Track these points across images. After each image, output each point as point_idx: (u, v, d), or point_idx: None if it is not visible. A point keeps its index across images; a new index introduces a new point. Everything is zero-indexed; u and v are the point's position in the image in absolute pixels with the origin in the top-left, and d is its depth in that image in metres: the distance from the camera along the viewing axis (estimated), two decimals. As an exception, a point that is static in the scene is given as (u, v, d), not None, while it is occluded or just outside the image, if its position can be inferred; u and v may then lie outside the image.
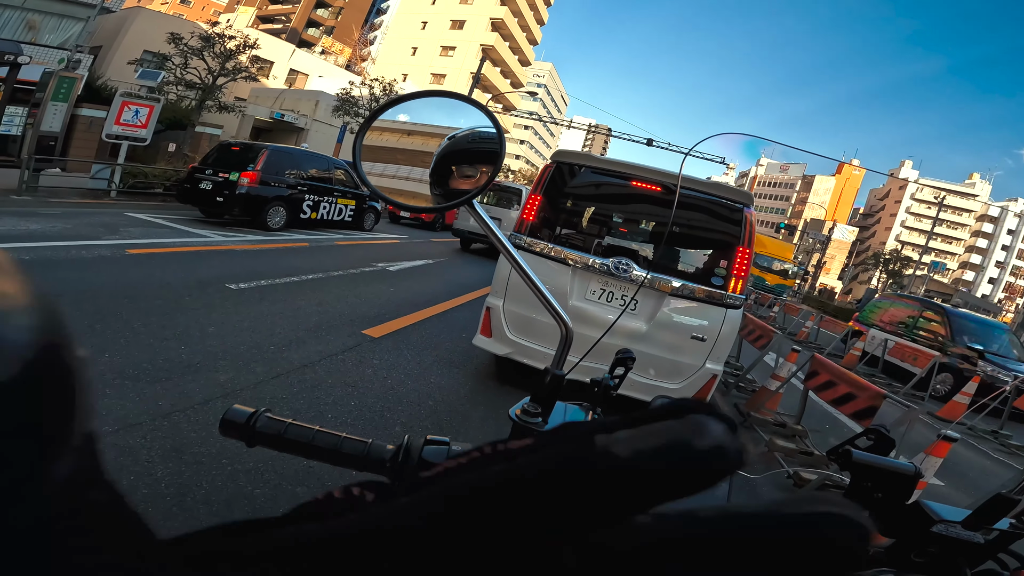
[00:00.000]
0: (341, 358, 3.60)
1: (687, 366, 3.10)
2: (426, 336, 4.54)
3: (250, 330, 3.77)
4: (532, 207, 3.28)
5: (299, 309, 4.52)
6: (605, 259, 3.14)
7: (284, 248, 7.40)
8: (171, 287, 4.41)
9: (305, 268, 6.16)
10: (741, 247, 2.99)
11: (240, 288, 4.77)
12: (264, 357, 3.35)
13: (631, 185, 3.15)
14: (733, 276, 3.00)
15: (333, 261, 7.03)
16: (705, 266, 3.19)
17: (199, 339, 3.42)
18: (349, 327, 4.29)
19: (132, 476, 1.94)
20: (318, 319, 4.34)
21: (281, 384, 3.02)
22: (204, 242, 6.61)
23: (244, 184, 8.16)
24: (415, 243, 11.45)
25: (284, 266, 6.07)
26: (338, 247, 8.48)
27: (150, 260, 5.26)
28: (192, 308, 4.00)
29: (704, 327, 3.05)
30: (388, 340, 4.20)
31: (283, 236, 8.36)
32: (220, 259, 5.90)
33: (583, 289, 3.23)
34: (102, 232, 6.02)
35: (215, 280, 4.87)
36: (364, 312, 4.81)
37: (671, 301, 3.09)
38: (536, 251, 3.26)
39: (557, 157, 3.35)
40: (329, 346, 3.76)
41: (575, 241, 3.37)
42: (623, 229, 3.54)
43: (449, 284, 7.27)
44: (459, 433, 2.92)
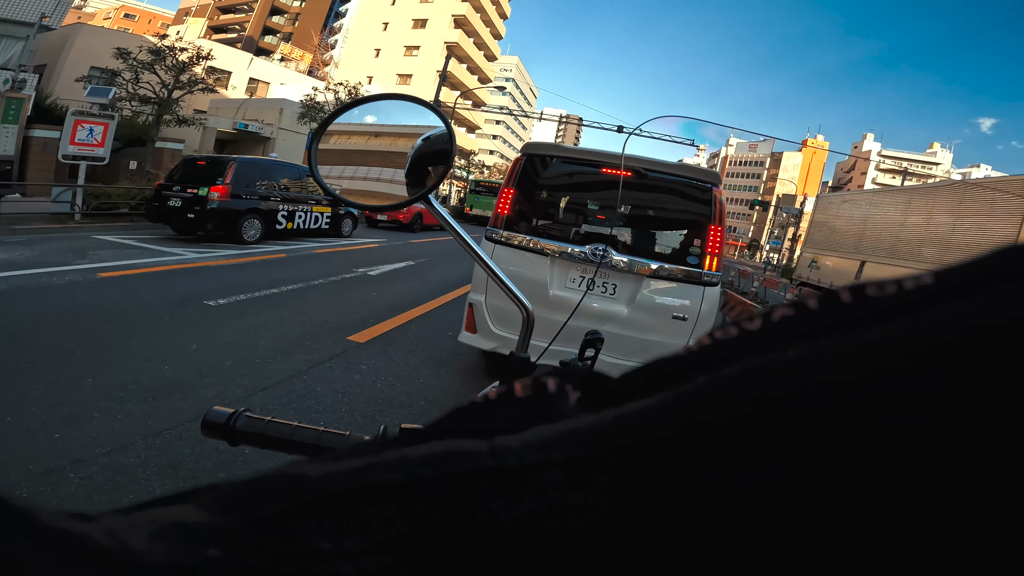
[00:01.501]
0: (328, 366, 3.59)
1: (670, 347, 3.14)
2: (412, 337, 4.55)
3: (233, 345, 3.74)
4: (505, 201, 3.31)
5: (282, 320, 4.49)
6: (582, 246, 3.18)
7: (261, 260, 7.30)
8: (149, 307, 4.34)
9: (285, 279, 6.10)
10: (713, 225, 3.07)
11: (219, 304, 4.72)
12: (250, 371, 3.33)
13: (602, 172, 3.20)
14: (708, 254, 3.07)
15: (313, 270, 6.97)
16: (680, 246, 3.26)
17: (182, 357, 3.38)
18: (334, 334, 4.28)
19: (132, 495, 1.94)
20: (302, 329, 4.31)
21: (270, 396, 3.02)
22: (178, 260, 6.50)
23: (215, 198, 8.02)
24: (395, 246, 11.39)
25: (263, 279, 6.00)
26: (317, 255, 8.40)
27: (124, 282, 5.15)
28: (172, 327, 3.95)
29: (684, 306, 3.11)
30: (374, 344, 4.20)
31: (260, 248, 8.25)
32: (196, 276, 5.81)
33: (563, 278, 3.27)
34: (71, 257, 5.87)
35: (193, 297, 4.80)
36: (348, 318, 4.80)
37: (650, 283, 3.14)
38: (514, 244, 3.29)
39: (526, 150, 3.38)
40: (315, 355, 3.75)
41: (552, 231, 3.40)
42: (600, 216, 3.59)
43: (431, 284, 7.27)
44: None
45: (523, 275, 3.27)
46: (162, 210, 8.22)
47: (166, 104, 13.87)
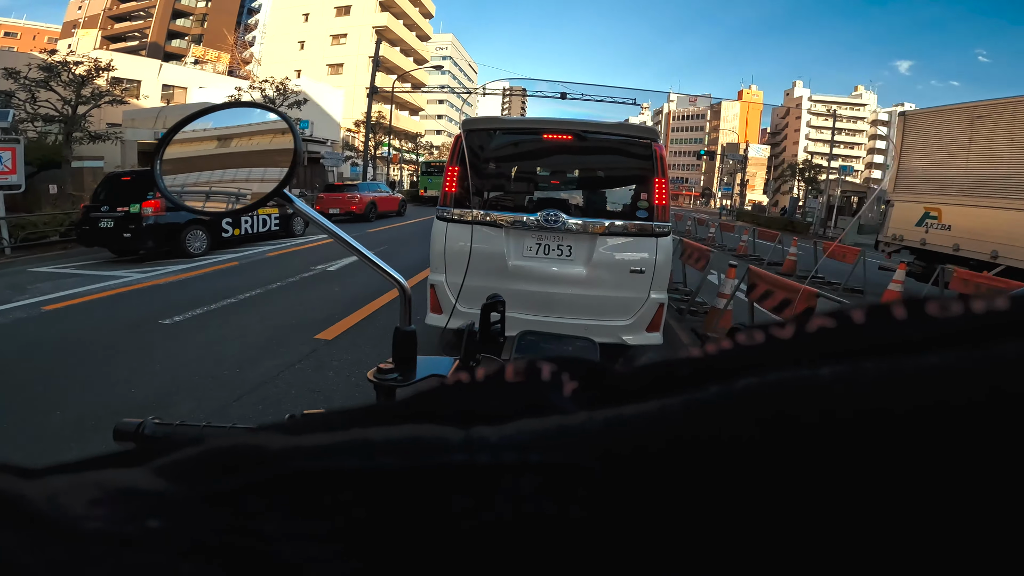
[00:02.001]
0: (299, 367, 3.56)
1: (633, 300, 3.27)
2: (380, 327, 4.54)
3: (198, 360, 3.65)
4: (451, 179, 3.31)
5: (245, 329, 4.39)
6: (534, 214, 3.22)
7: (213, 272, 7.05)
8: (102, 335, 4.17)
9: (240, 287, 5.93)
10: (657, 179, 3.17)
11: (176, 321, 4.57)
12: (221, 383, 3.27)
13: (544, 139, 3.25)
14: (656, 206, 3.18)
15: (269, 274, 6.79)
16: (629, 202, 3.35)
17: (148, 379, 3.29)
18: (301, 335, 4.23)
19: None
20: (267, 335, 4.24)
21: (245, 405, 2.99)
22: (124, 282, 6.20)
23: (149, 214, 7.63)
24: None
25: (217, 289, 5.81)
26: (271, 259, 8.16)
27: (71, 313, 4.90)
28: (131, 351, 3.81)
29: (640, 259, 3.22)
30: (343, 340, 4.17)
31: (208, 260, 7.94)
32: (146, 297, 5.58)
33: (520, 247, 3.32)
34: (11, 294, 5.52)
35: (146, 319, 4.62)
36: (313, 317, 4.73)
37: (605, 240, 3.23)
38: (467, 220, 3.31)
39: (465, 126, 3.38)
40: (284, 358, 3.71)
41: (503, 202, 3.44)
42: (555, 181, 3.64)
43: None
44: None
45: (480, 250, 3.30)
46: (94, 233, 7.77)
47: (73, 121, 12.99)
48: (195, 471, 0.11)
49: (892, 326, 0.11)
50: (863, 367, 0.09)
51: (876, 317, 0.11)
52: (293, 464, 0.11)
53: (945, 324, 0.10)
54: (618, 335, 3.28)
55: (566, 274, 3.25)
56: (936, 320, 0.10)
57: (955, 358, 0.09)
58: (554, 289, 3.28)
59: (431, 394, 0.14)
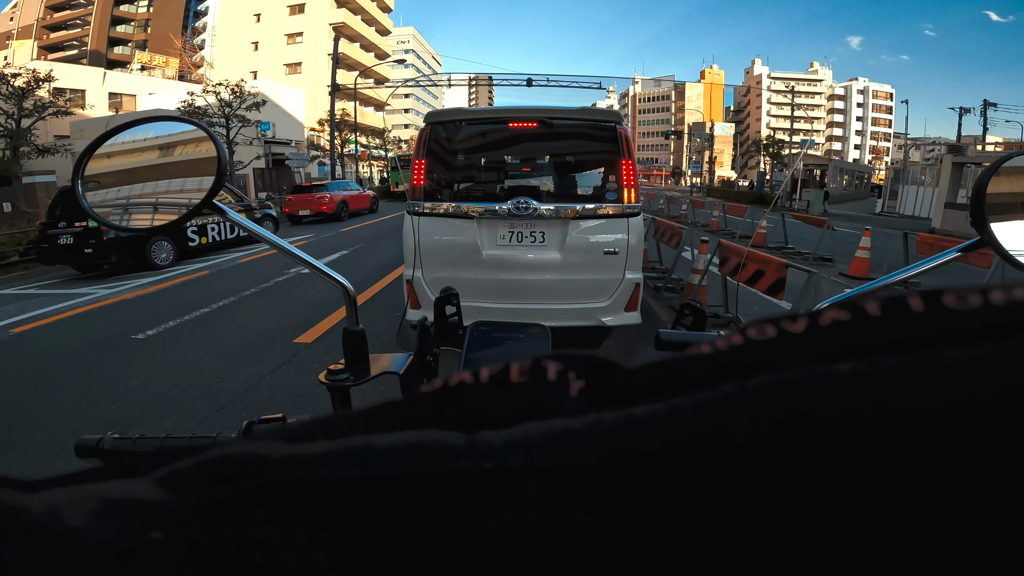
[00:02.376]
0: (280, 373, 3.54)
1: (609, 282, 3.33)
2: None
3: (176, 372, 3.59)
4: (419, 172, 3.30)
5: (221, 338, 4.33)
6: (504, 203, 3.23)
7: (182, 283, 6.89)
8: (76, 354, 4.07)
9: (213, 296, 5.81)
10: (624, 160, 3.22)
11: (149, 335, 4.47)
12: (201, 394, 3.23)
13: (509, 127, 3.26)
14: (625, 187, 3.23)
15: (242, 280, 6.67)
16: (598, 185, 3.39)
17: (127, 395, 3.23)
18: (279, 340, 4.18)
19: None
20: (244, 342, 4.18)
21: (228, 414, 2.96)
22: (91, 299, 6.01)
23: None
24: (325, 238, 11.01)
25: (189, 300, 5.69)
26: (242, 265, 8.00)
27: (41, 334, 4.75)
28: (106, 368, 3.73)
29: (613, 241, 3.28)
30: (323, 342, 4.15)
31: (177, 271, 7.75)
32: (115, 312, 5.42)
33: (493, 237, 3.33)
34: (-33, 320, 5.31)
35: (118, 335, 4.51)
36: (290, 322, 4.68)
37: (577, 224, 3.27)
38: (438, 213, 3.30)
39: (429, 119, 3.37)
40: (264, 365, 3.67)
41: (473, 193, 3.44)
42: (525, 169, 3.66)
43: (370, 269, 7.15)
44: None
45: (454, 241, 3.31)
46: (55, 250, 7.50)
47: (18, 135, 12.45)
48: (196, 481, 0.11)
49: (909, 319, 0.10)
50: (884, 364, 0.09)
51: (892, 310, 0.10)
52: (295, 472, 0.10)
53: (964, 317, 0.10)
54: (597, 317, 3.33)
55: (541, 260, 3.29)
56: (955, 312, 0.10)
57: (982, 353, 0.08)
58: (530, 276, 3.31)
59: (434, 396, 0.13)
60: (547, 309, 3.30)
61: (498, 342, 0.55)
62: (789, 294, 3.61)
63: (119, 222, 0.60)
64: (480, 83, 43.76)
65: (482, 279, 3.30)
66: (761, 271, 3.78)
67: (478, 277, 3.30)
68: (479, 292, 3.33)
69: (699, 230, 11.23)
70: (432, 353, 0.62)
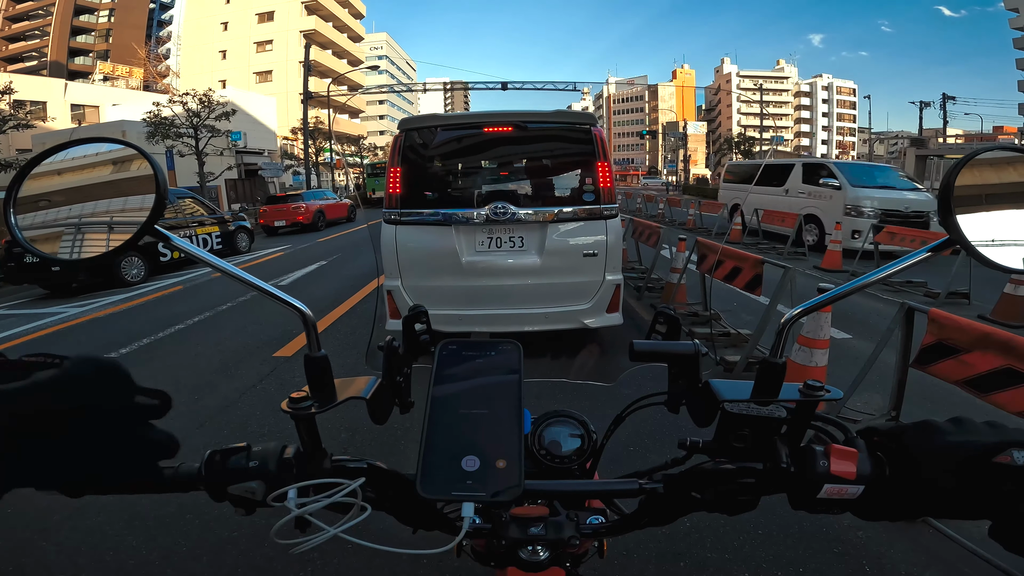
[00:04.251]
0: (261, 388, 3.47)
1: (589, 284, 3.34)
2: (341, 337, 4.47)
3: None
4: (395, 180, 3.26)
5: (197, 355, 4.23)
6: (482, 208, 3.22)
7: (155, 299, 6.71)
8: (38, 378, 3.91)
9: (187, 312, 5.68)
10: (599, 162, 3.24)
11: (121, 354, 4.34)
12: (179, 411, 3.12)
13: (484, 132, 3.26)
14: (601, 189, 3.25)
15: (217, 295, 6.53)
16: (575, 188, 3.40)
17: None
18: (258, 355, 4.11)
19: (111, 552, 1.86)
20: (222, 358, 4.10)
21: (208, 432, 2.90)
22: (61, 319, 5.82)
23: (80, 244, 7.17)
24: (302, 249, 10.86)
25: (162, 317, 5.55)
26: (217, 279, 7.83)
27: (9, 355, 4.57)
28: (73, 391, 3.61)
29: (592, 242, 3.29)
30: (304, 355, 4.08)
31: (149, 287, 7.55)
32: (86, 331, 5.26)
33: (471, 243, 3.31)
34: (-77, 346, 5.09)
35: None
36: (269, 335, 4.60)
37: (556, 227, 3.27)
38: (415, 221, 3.27)
39: (403, 125, 3.34)
40: (244, 380, 3.60)
41: (452, 199, 3.41)
42: (503, 173, 3.64)
43: (349, 280, 7.08)
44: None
45: (432, 249, 3.28)
46: (21, 269, 7.24)
47: (-26, 150, 12.01)
48: None
49: None
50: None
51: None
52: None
53: None
54: (579, 319, 3.34)
55: (521, 265, 3.29)
56: None
57: None
58: (510, 281, 3.30)
59: None
60: (528, 314, 3.30)
61: (469, 360, 0.55)
62: (766, 289, 3.68)
63: (48, 251, 0.56)
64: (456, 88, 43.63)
65: (462, 286, 3.29)
66: (738, 268, 3.83)
67: (458, 284, 3.29)
68: (460, 299, 3.31)
69: (677, 228, 11.40)
70: (402, 374, 0.60)
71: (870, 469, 0.46)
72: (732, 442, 0.52)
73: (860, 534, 1.90)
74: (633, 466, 0.61)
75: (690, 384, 0.56)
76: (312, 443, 0.53)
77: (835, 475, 0.46)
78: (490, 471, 0.45)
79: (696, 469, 0.52)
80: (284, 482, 0.48)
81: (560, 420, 0.64)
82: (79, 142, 0.57)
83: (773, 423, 0.50)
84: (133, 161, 0.58)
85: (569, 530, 0.51)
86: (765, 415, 0.50)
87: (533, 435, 0.63)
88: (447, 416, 0.49)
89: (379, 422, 0.57)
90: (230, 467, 0.50)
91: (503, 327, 3.24)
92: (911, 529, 1.90)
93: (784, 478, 0.49)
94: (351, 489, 0.46)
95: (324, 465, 0.53)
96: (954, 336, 2.06)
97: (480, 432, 0.48)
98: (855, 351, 3.84)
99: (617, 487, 0.55)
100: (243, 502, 0.49)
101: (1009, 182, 0.53)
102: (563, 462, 0.61)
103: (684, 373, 0.56)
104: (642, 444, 2.53)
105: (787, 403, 0.51)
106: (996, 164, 0.52)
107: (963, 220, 0.48)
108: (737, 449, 0.52)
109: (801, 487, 0.48)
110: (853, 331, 4.43)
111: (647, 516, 0.55)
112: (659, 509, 0.54)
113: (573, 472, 0.62)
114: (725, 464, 0.51)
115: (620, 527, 0.56)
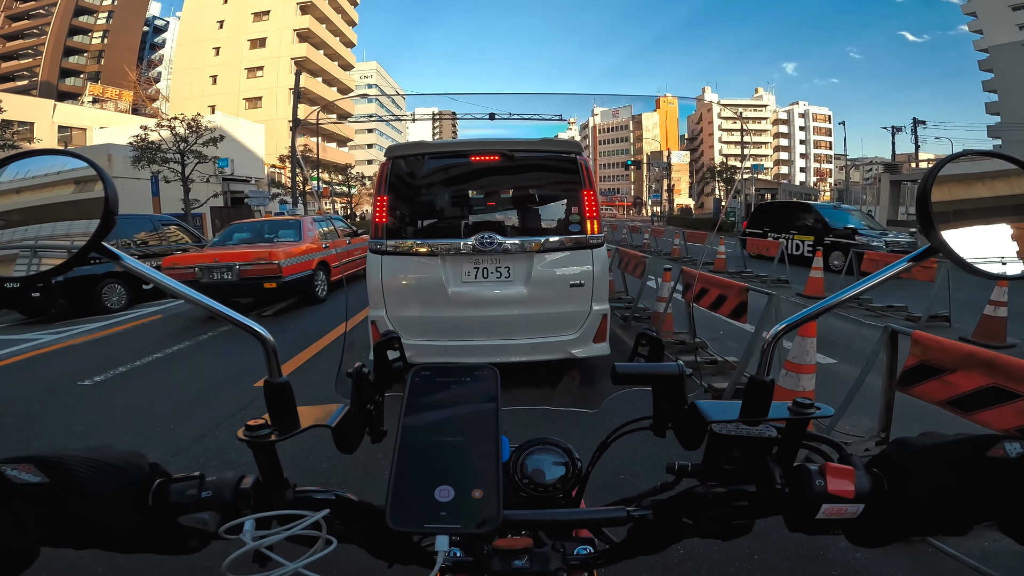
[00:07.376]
0: (240, 417, 3.38)
1: (576, 314, 3.30)
2: (324, 368, 4.38)
3: (125, 418, 3.39)
4: (381, 209, 3.22)
5: (176, 384, 4.11)
6: (468, 239, 3.18)
7: (134, 327, 6.56)
8: (17, 401, 3.83)
9: (166, 341, 5.55)
10: (585, 191, 3.25)
11: (96, 381, 4.21)
12: (153, 440, 3.04)
13: (471, 160, 3.23)
14: (587, 219, 3.25)
15: (198, 324, 6.40)
16: (561, 217, 3.40)
17: (72, 441, 3.02)
18: (238, 385, 4.01)
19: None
20: (200, 387, 3.99)
21: (184, 460, 2.79)
22: (35, 345, 5.64)
23: (59, 270, 7.02)
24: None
25: (140, 345, 5.41)
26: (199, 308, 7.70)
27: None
28: (51, 415, 3.51)
29: (579, 272, 3.27)
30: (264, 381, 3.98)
31: (129, 315, 7.39)
32: (61, 358, 5.10)
33: (458, 274, 3.26)
34: None
35: (63, 381, 4.23)
36: (249, 365, 4.49)
37: (543, 257, 3.25)
38: (401, 251, 3.22)
39: (390, 153, 3.31)
40: (222, 410, 3.50)
41: (438, 228, 3.38)
42: (491, 203, 3.62)
43: (336, 308, 7.00)
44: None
45: (418, 279, 3.23)
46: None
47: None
48: None
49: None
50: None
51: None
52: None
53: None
54: (566, 350, 3.30)
55: (507, 295, 3.24)
56: None
57: None
58: (497, 312, 3.25)
59: None
60: (515, 344, 3.25)
61: (444, 386, 0.53)
62: (752, 317, 3.70)
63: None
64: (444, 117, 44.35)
65: (448, 316, 3.24)
66: (723, 296, 3.85)
67: (444, 315, 3.23)
68: (445, 330, 3.25)
69: (662, 258, 11.56)
70: (373, 402, 0.57)
71: (869, 486, 0.45)
72: (722, 464, 0.51)
73: (860, 555, 1.88)
74: (624, 494, 0.60)
75: (676, 406, 0.54)
76: (273, 473, 0.49)
77: (833, 494, 0.44)
78: (465, 501, 0.43)
79: (687, 494, 0.51)
80: (240, 513, 0.45)
81: (543, 448, 0.63)
82: (21, 155, 0.55)
83: (764, 443, 0.49)
84: (83, 174, 0.55)
85: (556, 562, 0.49)
86: (755, 435, 0.49)
87: (515, 464, 0.61)
88: (419, 444, 0.47)
89: (346, 451, 0.54)
90: (180, 497, 0.47)
91: (489, 358, 3.19)
92: (912, 549, 1.88)
93: (779, 500, 0.47)
94: (313, 521, 0.43)
95: (286, 496, 0.49)
96: (938, 357, 2.08)
97: (455, 461, 0.46)
98: (841, 375, 3.86)
99: (604, 515, 0.53)
100: (195, 534, 0.46)
101: (984, 189, 0.54)
102: (547, 491, 0.59)
103: (669, 395, 0.55)
104: (632, 472, 2.49)
105: (777, 422, 0.50)
106: (965, 177, 0.53)
107: (944, 232, 0.48)
108: (728, 471, 0.50)
109: (798, 508, 0.46)
110: (838, 356, 4.47)
111: (637, 544, 0.53)
112: (650, 537, 0.52)
113: (558, 501, 0.60)
114: (716, 487, 0.50)
115: (609, 557, 0.53)
